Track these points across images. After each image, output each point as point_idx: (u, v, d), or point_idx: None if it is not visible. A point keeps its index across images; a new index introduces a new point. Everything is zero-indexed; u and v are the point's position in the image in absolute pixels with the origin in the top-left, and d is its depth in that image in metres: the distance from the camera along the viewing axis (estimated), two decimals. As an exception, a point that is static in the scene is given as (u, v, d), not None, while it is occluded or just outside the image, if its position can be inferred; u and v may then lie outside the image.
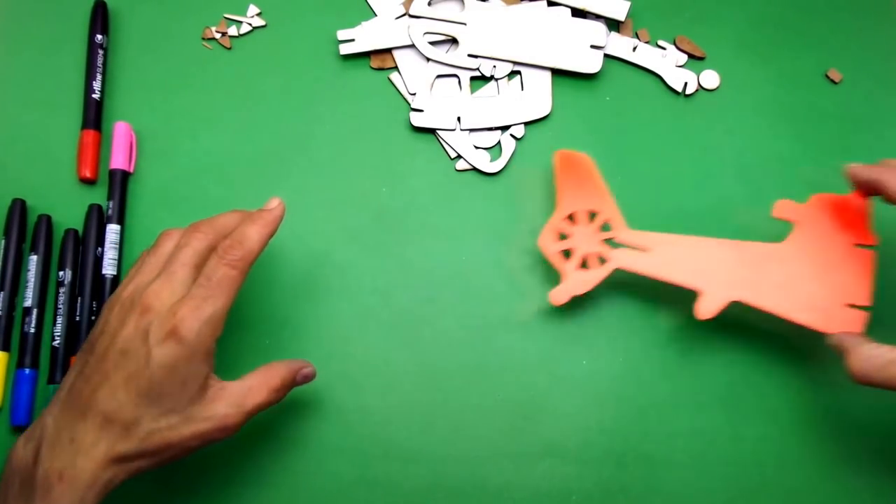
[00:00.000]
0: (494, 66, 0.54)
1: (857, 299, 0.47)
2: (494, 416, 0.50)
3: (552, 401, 0.50)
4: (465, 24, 0.54)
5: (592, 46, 0.55)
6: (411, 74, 0.55)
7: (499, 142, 0.54)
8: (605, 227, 0.50)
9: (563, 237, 0.49)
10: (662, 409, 0.51)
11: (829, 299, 0.47)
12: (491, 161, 0.54)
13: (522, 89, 0.55)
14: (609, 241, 0.49)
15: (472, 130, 0.54)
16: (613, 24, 0.57)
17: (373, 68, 0.55)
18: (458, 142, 0.54)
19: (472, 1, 0.54)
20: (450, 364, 0.51)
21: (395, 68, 0.55)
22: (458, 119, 0.54)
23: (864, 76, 0.57)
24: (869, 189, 0.46)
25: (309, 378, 0.45)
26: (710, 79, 0.57)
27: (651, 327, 0.52)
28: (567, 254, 0.49)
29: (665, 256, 0.48)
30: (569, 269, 0.48)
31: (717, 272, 0.47)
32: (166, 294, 0.40)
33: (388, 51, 0.55)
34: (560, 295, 0.48)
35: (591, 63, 0.55)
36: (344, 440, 0.49)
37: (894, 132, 0.57)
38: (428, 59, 0.53)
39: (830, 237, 0.48)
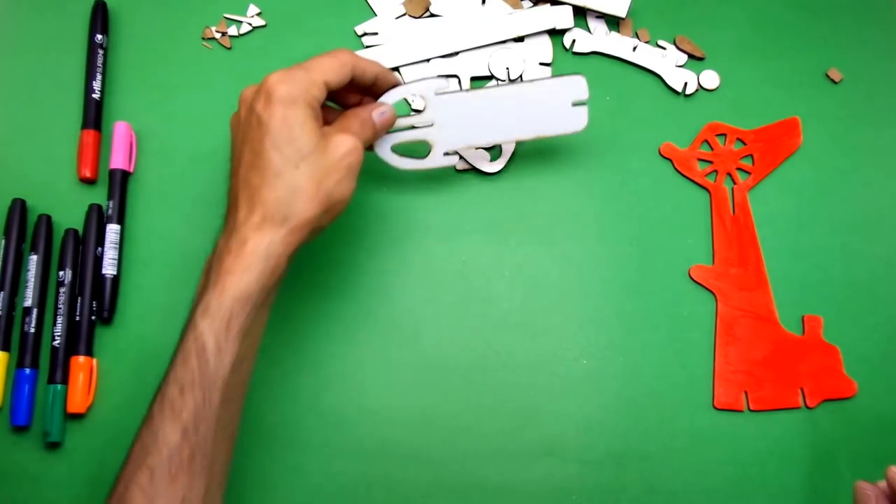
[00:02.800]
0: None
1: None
2: (494, 416, 0.50)
3: (552, 401, 0.50)
4: (431, 124, 0.50)
5: (575, 104, 0.50)
6: (411, 74, 0.55)
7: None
8: None
9: None
10: (662, 409, 0.51)
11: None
12: (491, 161, 0.54)
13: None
14: None
15: None
16: (613, 23, 0.57)
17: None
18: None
19: (433, 97, 0.49)
20: (450, 364, 0.51)
21: (396, 69, 0.55)
22: None
23: (864, 76, 0.57)
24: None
25: (387, 117, 0.47)
26: (710, 79, 0.57)
27: (651, 327, 0.52)
28: None
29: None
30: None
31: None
32: (257, 84, 0.43)
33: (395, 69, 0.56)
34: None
35: (575, 122, 0.50)
36: (344, 440, 0.49)
37: (894, 132, 0.57)
38: (401, 169, 0.50)
39: None
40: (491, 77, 0.56)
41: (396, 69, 0.56)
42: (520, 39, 0.56)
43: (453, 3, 0.56)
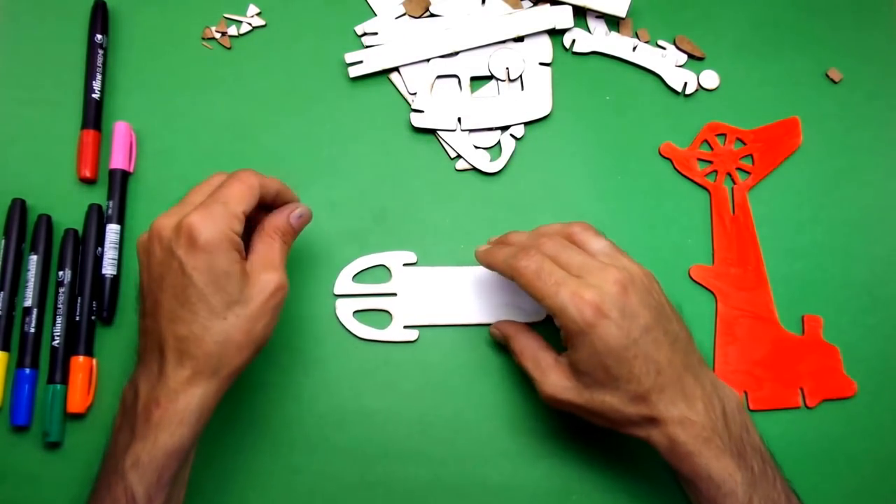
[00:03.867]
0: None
1: None
2: (494, 416, 0.50)
3: (552, 401, 0.50)
4: (395, 294, 0.51)
5: None
6: (411, 75, 0.55)
7: (499, 142, 0.54)
8: None
9: None
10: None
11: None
12: (491, 161, 0.54)
13: (522, 89, 0.55)
14: None
15: (472, 131, 0.54)
16: (613, 23, 0.57)
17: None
18: (458, 142, 0.54)
19: (399, 269, 0.51)
20: (450, 363, 0.51)
21: (396, 69, 0.55)
22: (459, 119, 0.54)
23: (864, 76, 0.57)
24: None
25: (305, 218, 0.46)
26: (710, 79, 0.57)
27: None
28: None
29: None
30: None
31: None
32: (172, 216, 0.41)
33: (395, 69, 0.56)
34: None
35: (535, 311, 0.51)
36: (344, 440, 0.49)
37: (894, 132, 0.57)
38: (360, 339, 0.51)
39: None
40: (491, 77, 0.55)
41: (397, 69, 0.56)
42: (520, 39, 0.56)
43: (453, 4, 0.56)
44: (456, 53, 0.56)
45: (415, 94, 0.55)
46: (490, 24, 0.56)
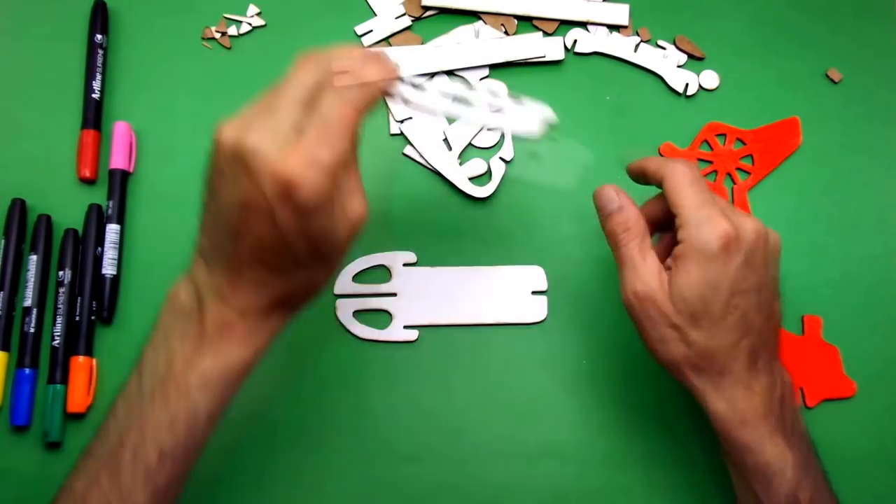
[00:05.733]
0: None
1: None
2: (494, 417, 0.50)
3: (552, 401, 0.50)
4: (395, 294, 0.51)
5: (534, 292, 0.52)
6: (399, 106, 0.55)
7: (489, 169, 0.54)
8: None
9: None
10: (662, 409, 0.51)
11: None
12: (481, 186, 0.54)
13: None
14: None
15: (461, 157, 0.54)
16: (614, 26, 0.57)
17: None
18: (449, 171, 0.54)
19: (400, 269, 0.51)
20: (450, 363, 0.51)
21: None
22: (446, 140, 0.54)
23: (864, 76, 0.57)
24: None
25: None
26: (710, 79, 0.57)
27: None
28: None
29: None
30: None
31: None
32: (268, 140, 0.34)
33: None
34: None
35: (534, 311, 0.51)
36: (344, 440, 0.49)
37: (894, 132, 0.57)
38: (360, 339, 0.50)
39: None
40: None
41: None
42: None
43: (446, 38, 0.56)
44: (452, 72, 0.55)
45: (401, 121, 0.54)
46: (480, 48, 0.55)
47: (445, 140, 0.54)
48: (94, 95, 0.53)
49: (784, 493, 0.41)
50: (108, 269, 0.50)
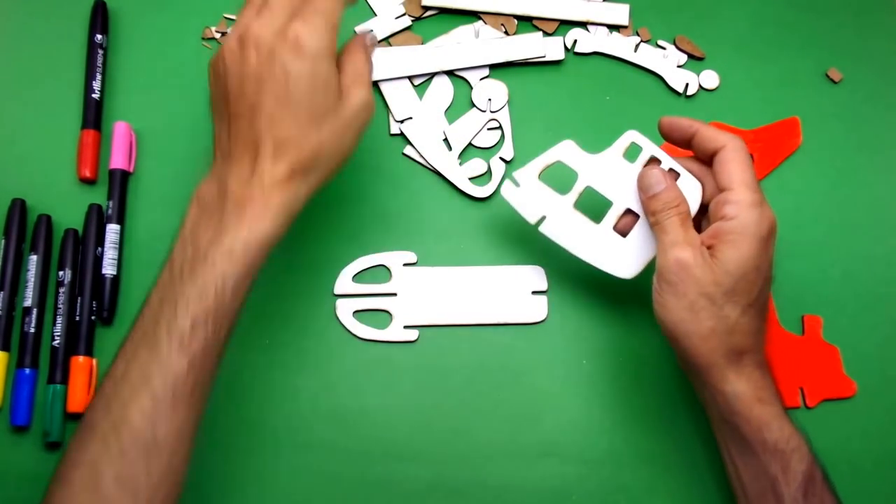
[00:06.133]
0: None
1: None
2: (494, 417, 0.50)
3: (552, 401, 0.50)
4: (395, 294, 0.51)
5: (534, 292, 0.52)
6: (392, 91, 0.55)
7: (489, 169, 0.54)
8: None
9: None
10: (662, 410, 0.51)
11: None
12: (481, 186, 0.54)
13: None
14: None
15: (461, 157, 0.54)
16: (614, 26, 0.57)
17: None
18: (449, 171, 0.54)
19: (400, 269, 0.52)
20: (450, 363, 0.51)
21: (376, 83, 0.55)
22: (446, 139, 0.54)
23: (864, 76, 0.57)
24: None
25: (374, 41, 0.46)
26: (710, 79, 0.57)
27: (651, 327, 0.52)
28: None
29: None
30: None
31: None
32: (268, 23, 0.41)
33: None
34: None
35: (534, 311, 0.51)
36: (344, 440, 0.49)
37: (894, 132, 0.57)
38: (360, 339, 0.51)
39: None
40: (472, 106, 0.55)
41: (377, 84, 0.55)
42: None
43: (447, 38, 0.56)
44: (452, 72, 0.55)
45: (401, 121, 0.54)
46: (481, 48, 0.55)
47: (445, 140, 0.54)
48: (94, 95, 0.53)
49: (802, 471, 0.42)
50: (108, 269, 0.50)
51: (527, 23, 0.57)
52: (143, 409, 0.38)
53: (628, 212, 0.47)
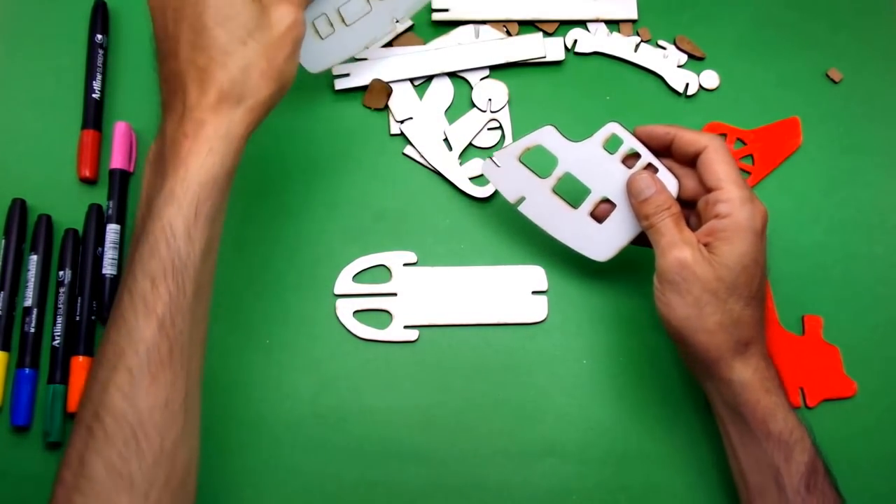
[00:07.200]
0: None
1: None
2: (494, 416, 0.50)
3: (552, 401, 0.50)
4: (395, 293, 0.51)
5: (534, 292, 0.52)
6: (400, 106, 0.55)
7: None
8: None
9: None
10: (662, 409, 0.51)
11: None
12: (481, 186, 0.54)
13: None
14: None
15: (461, 157, 0.54)
16: (614, 24, 0.57)
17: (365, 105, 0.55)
18: (449, 171, 0.54)
19: (400, 269, 0.51)
20: (450, 363, 0.51)
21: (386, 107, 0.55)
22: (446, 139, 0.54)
23: (864, 76, 0.57)
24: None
25: None
26: (710, 79, 0.57)
27: (651, 327, 0.52)
28: None
29: None
30: None
31: None
32: None
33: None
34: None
35: (534, 311, 0.51)
36: (344, 440, 0.49)
37: (894, 132, 0.57)
38: (360, 339, 0.51)
39: None
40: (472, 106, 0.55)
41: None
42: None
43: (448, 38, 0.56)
44: (453, 74, 0.55)
45: (402, 121, 0.54)
46: (481, 49, 0.55)
47: (445, 140, 0.54)
48: (94, 95, 0.53)
49: (804, 462, 0.42)
50: (108, 269, 0.50)
51: (528, 24, 0.57)
52: (122, 388, 0.36)
53: (605, 200, 0.48)
